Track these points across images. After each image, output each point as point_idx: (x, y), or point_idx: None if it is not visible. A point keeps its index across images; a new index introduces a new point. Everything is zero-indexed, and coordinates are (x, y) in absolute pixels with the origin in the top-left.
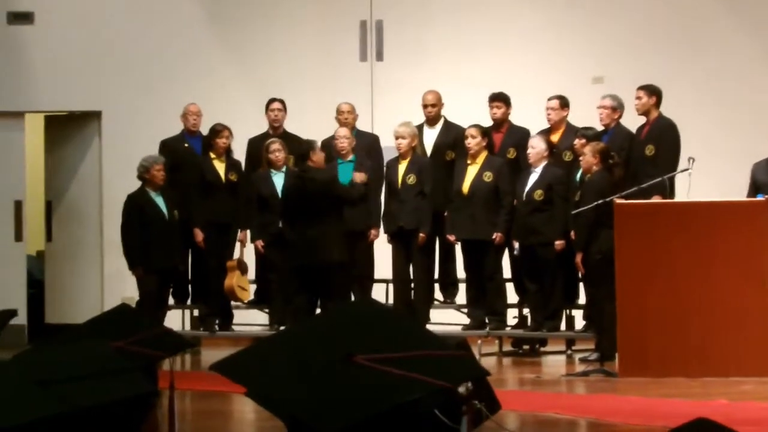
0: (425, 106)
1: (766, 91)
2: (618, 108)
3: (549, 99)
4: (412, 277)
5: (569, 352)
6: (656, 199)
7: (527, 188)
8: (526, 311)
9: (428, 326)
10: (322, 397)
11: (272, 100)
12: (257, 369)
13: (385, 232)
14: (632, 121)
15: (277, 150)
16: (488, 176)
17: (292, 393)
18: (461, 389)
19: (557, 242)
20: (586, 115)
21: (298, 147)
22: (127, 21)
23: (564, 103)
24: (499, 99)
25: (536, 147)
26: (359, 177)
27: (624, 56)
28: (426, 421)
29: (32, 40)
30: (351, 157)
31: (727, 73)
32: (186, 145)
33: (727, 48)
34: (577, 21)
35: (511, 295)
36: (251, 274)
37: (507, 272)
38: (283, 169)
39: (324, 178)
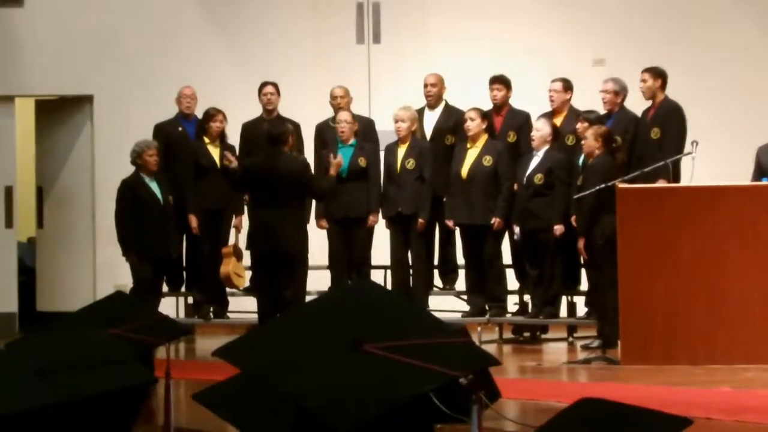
0: (425, 86)
1: None
2: (621, 92)
3: (552, 81)
4: (410, 263)
5: (571, 339)
6: (661, 183)
7: (528, 172)
8: (526, 298)
9: None
10: (336, 390)
11: (265, 84)
12: (264, 356)
13: (384, 217)
14: (637, 104)
15: None
16: (488, 160)
17: (303, 384)
18: (461, 379)
19: (557, 227)
20: (588, 97)
21: (276, 128)
22: (118, 4)
23: (567, 85)
24: (500, 81)
25: (541, 130)
26: (335, 165)
27: (626, 38)
28: (422, 407)
29: (22, 23)
30: (352, 141)
31: (732, 56)
32: (180, 129)
33: (731, 30)
34: (578, 2)
35: (512, 282)
36: (246, 260)
37: (507, 258)
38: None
39: (297, 165)
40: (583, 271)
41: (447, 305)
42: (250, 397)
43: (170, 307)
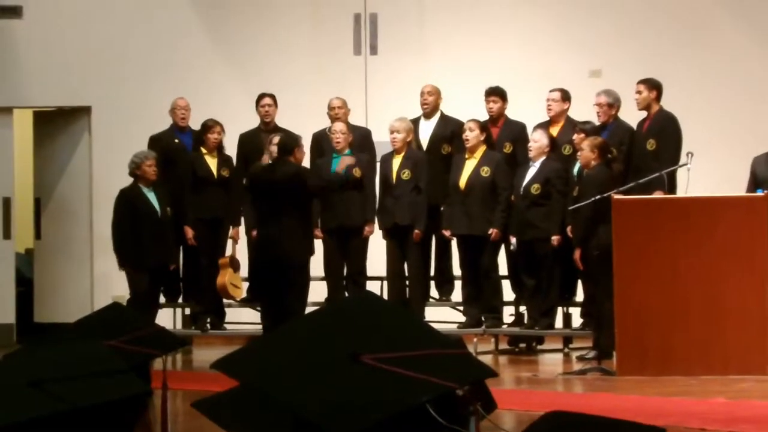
0: (422, 95)
1: (765, 84)
2: (614, 103)
3: (551, 91)
4: (406, 273)
5: (566, 350)
6: (657, 194)
7: (525, 182)
8: (522, 309)
9: None
10: (333, 399)
11: (262, 95)
12: (262, 368)
13: (380, 228)
14: (632, 115)
15: None
16: (486, 171)
17: (301, 395)
18: (458, 390)
19: (554, 237)
20: (584, 109)
21: (284, 139)
22: (117, 15)
23: (565, 96)
24: (496, 93)
25: (538, 141)
26: (347, 162)
27: (622, 50)
28: (419, 418)
29: (20, 34)
30: (347, 151)
31: (726, 66)
32: (176, 140)
33: (725, 41)
34: (574, 13)
35: (508, 293)
36: (244, 271)
37: (504, 269)
38: None
39: (290, 170)
40: (579, 282)
41: (443, 316)
42: (249, 407)
43: (167, 318)
